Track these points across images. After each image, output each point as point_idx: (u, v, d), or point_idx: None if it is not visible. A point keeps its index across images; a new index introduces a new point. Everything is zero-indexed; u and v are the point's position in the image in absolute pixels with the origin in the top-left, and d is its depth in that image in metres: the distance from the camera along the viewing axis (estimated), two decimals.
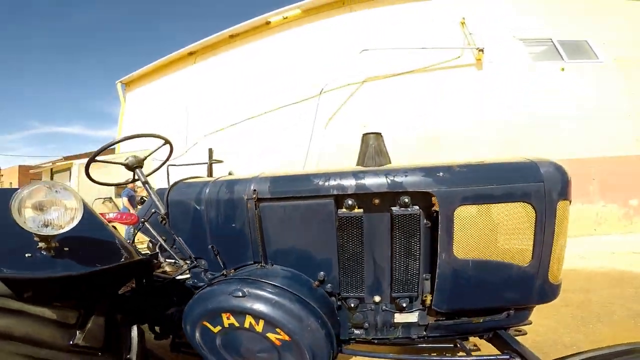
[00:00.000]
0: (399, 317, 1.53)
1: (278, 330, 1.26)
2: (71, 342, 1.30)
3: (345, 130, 6.59)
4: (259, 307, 1.27)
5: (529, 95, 6.37)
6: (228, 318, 1.32)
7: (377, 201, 1.44)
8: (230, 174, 2.42)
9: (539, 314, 2.95)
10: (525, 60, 6.58)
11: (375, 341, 1.62)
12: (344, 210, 1.44)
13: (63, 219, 1.17)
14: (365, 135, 1.99)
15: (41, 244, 1.17)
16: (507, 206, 1.34)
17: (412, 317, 1.52)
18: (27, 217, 1.11)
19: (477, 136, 6.29)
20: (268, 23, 8.07)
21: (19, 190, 1.11)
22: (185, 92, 9.18)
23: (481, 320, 1.47)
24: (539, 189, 1.33)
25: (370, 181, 1.41)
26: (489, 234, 1.35)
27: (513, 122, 6.31)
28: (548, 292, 1.43)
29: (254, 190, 1.53)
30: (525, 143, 6.12)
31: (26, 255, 1.17)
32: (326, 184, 1.45)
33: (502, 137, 6.26)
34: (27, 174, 14.73)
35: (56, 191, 1.17)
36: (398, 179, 1.38)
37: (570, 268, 4.32)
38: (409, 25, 6.94)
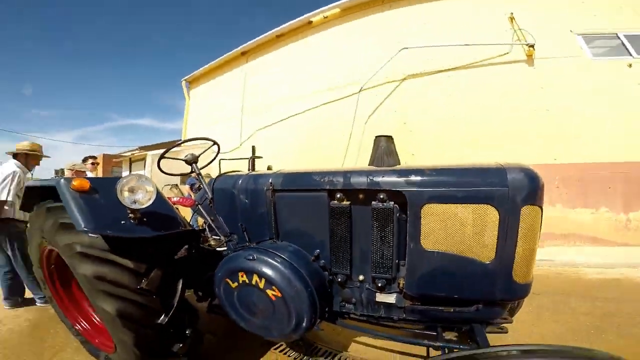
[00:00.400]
0: (380, 297, 1.77)
1: (274, 287, 1.67)
2: (138, 287, 1.77)
3: (385, 127, 6.64)
4: (263, 268, 1.70)
5: (586, 94, 5.66)
6: (242, 276, 1.77)
7: (361, 196, 1.75)
8: (269, 168, 2.91)
9: (554, 318, 2.99)
10: (585, 57, 5.84)
11: (364, 319, 1.89)
12: (335, 201, 1.78)
13: (145, 198, 1.76)
14: (377, 137, 2.24)
15: (131, 215, 1.77)
16: (471, 207, 1.48)
17: (391, 298, 1.75)
18: (125, 197, 1.71)
19: (522, 135, 5.85)
20: (310, 23, 8.34)
21: (120, 179, 1.73)
22: (240, 90, 9.98)
23: (452, 310, 1.60)
24: (503, 193, 1.43)
25: (355, 180, 1.72)
26: (453, 230, 1.51)
27: (566, 122, 5.69)
28: (512, 290, 1.49)
29: (271, 183, 1.98)
30: (573, 144, 5.61)
31: (122, 222, 1.77)
32: (322, 180, 1.81)
33: (549, 136, 5.74)
34: (110, 162, 17.42)
35: (141, 180, 1.78)
36: (376, 179, 1.67)
37: (614, 278, 4.14)
38: (451, 22, 6.66)
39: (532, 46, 5.90)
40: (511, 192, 1.43)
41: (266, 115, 8.98)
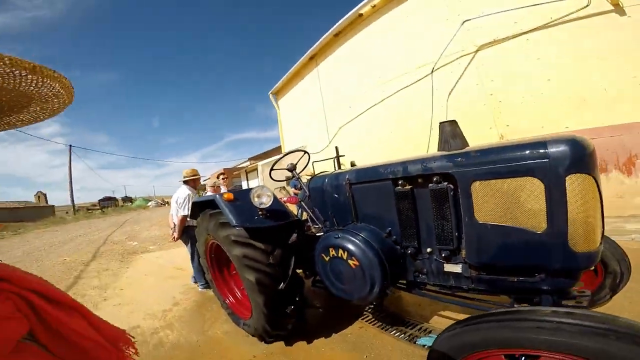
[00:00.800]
0: (448, 267, 2.01)
1: (353, 258, 2.18)
2: (268, 261, 2.50)
3: (469, 102, 6.28)
4: (345, 243, 2.24)
5: None
6: (332, 251, 2.33)
7: (419, 180, 2.08)
8: (352, 164, 3.44)
9: None
10: None
11: (438, 289, 2.18)
12: (398, 187, 2.17)
13: (267, 200, 2.57)
14: (441, 123, 2.43)
15: (260, 213, 2.60)
16: (515, 181, 1.59)
17: (457, 268, 1.95)
18: (256, 201, 2.54)
19: (629, 93, 4.72)
20: (360, 15, 8.28)
21: (251, 190, 2.56)
22: (318, 92, 10.57)
23: (515, 280, 1.68)
24: (544, 165, 1.50)
25: (411, 168, 2.08)
26: (502, 203, 1.64)
27: None
28: (571, 258, 1.49)
29: (348, 178, 2.51)
30: None
31: (255, 218, 2.59)
32: (386, 171, 2.23)
33: None
34: (231, 174, 21.10)
35: (263, 189, 2.60)
36: (429, 165, 1.98)
37: None
38: None
39: None
40: (552, 163, 1.47)
41: (347, 112, 9.45)
